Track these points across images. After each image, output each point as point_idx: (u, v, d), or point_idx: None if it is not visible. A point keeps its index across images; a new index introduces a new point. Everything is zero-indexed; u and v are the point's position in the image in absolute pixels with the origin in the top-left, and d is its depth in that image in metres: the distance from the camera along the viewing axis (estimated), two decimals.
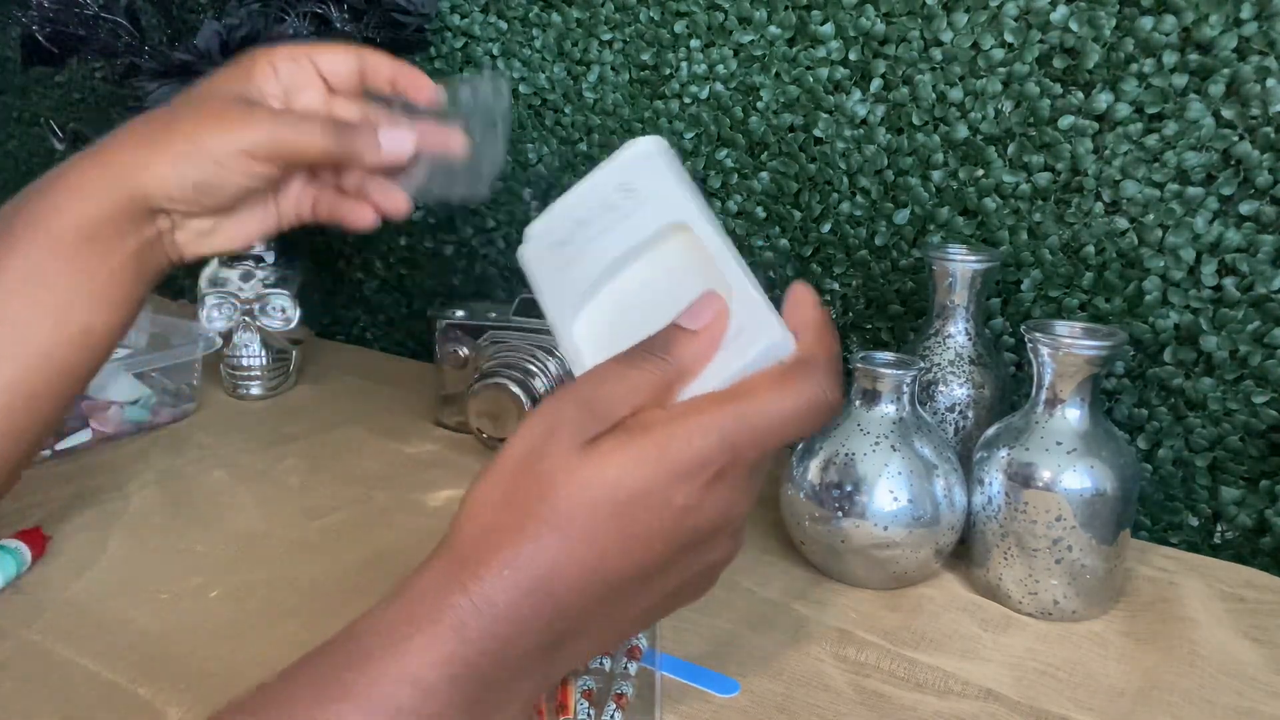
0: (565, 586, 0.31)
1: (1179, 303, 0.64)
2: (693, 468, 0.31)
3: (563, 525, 0.31)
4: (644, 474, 0.31)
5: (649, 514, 0.31)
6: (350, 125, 0.49)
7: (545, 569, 0.31)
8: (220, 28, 0.82)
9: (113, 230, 0.47)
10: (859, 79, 0.73)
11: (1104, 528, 0.53)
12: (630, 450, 0.31)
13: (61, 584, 0.57)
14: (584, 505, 0.31)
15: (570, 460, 0.31)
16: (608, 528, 0.31)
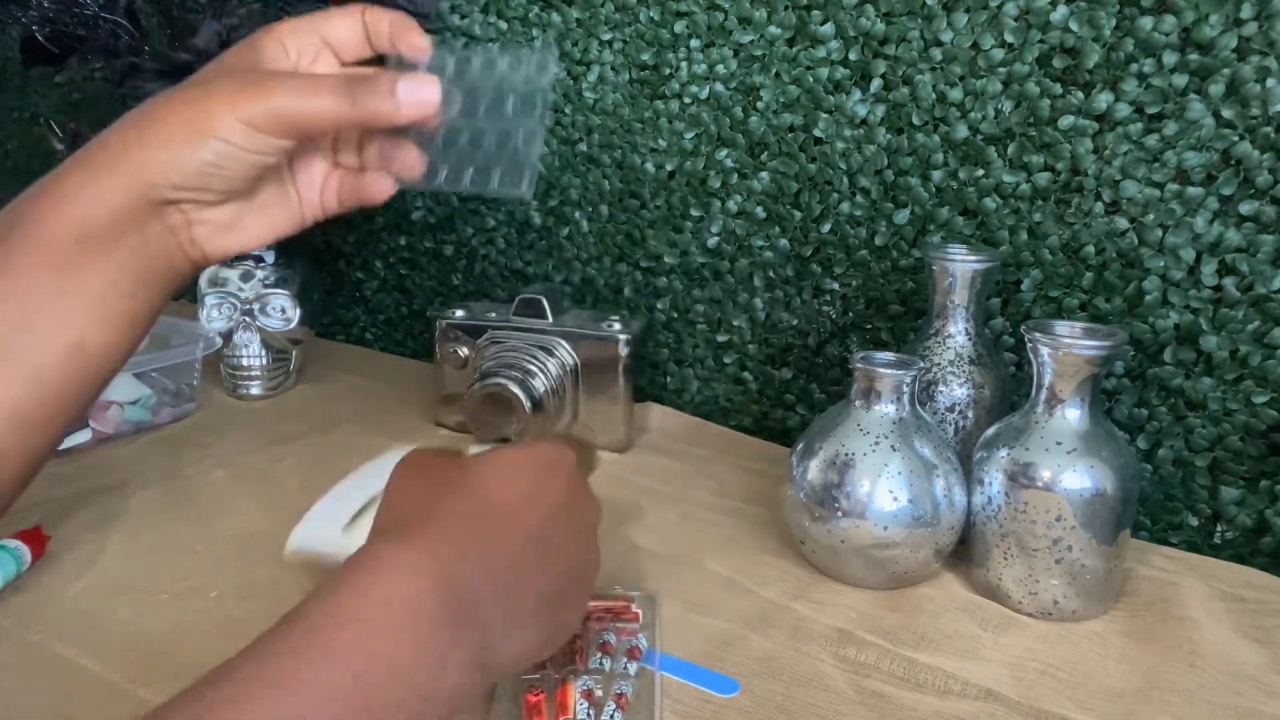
0: (495, 530, 0.38)
1: (1179, 303, 0.64)
2: (554, 462, 0.43)
3: (481, 493, 0.39)
4: (529, 468, 0.42)
5: (539, 488, 0.41)
6: (362, 78, 0.44)
7: (483, 511, 0.38)
8: (220, 28, 0.82)
9: (110, 231, 0.41)
10: (859, 79, 0.73)
11: (1104, 528, 0.53)
12: (518, 457, 0.42)
13: (61, 584, 0.57)
14: (500, 483, 0.40)
15: (474, 463, 0.41)
16: (515, 496, 0.40)
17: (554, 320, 0.78)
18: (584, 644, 0.50)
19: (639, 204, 0.86)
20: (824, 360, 0.80)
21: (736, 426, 0.85)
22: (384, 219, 1.04)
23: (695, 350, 0.86)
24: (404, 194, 1.01)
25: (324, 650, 0.30)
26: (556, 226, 0.92)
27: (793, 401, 0.82)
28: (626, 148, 0.86)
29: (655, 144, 0.84)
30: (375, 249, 1.06)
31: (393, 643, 0.31)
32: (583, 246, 0.91)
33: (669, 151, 0.83)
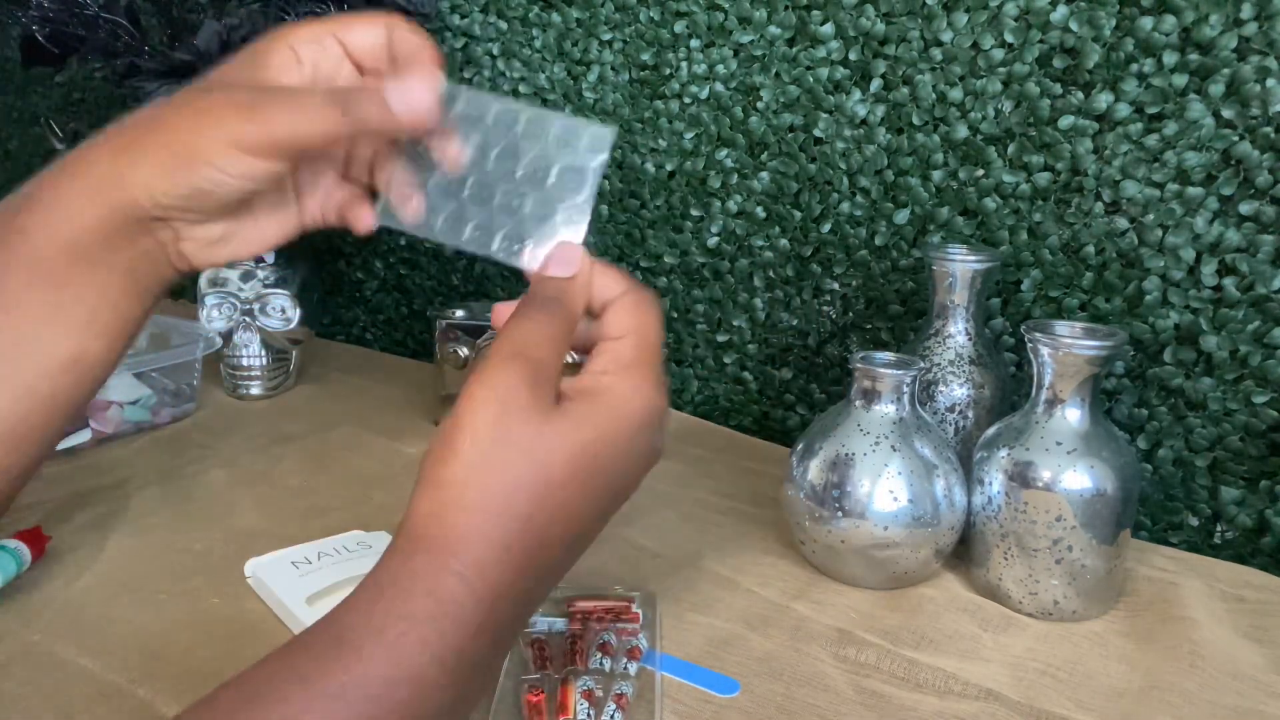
0: (538, 539, 0.34)
1: (1179, 303, 0.64)
2: (648, 418, 0.37)
3: (552, 487, 0.34)
4: (616, 442, 0.36)
5: (615, 465, 0.36)
6: (351, 90, 0.41)
7: (523, 524, 0.33)
8: (220, 28, 0.82)
9: (101, 246, 0.39)
10: (859, 79, 0.73)
11: (1104, 528, 0.53)
12: (596, 414, 0.36)
13: (61, 584, 0.57)
14: (571, 469, 0.34)
15: (543, 434, 0.34)
16: (584, 482, 0.35)
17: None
18: (584, 644, 0.50)
19: (639, 204, 0.86)
20: (824, 360, 0.80)
21: (736, 426, 0.85)
22: None
23: (695, 350, 0.86)
24: None
25: (376, 706, 0.30)
26: None
27: (793, 401, 0.82)
28: (626, 148, 0.86)
29: (655, 144, 0.84)
30: (375, 249, 1.06)
31: (438, 689, 0.31)
32: None
33: (669, 151, 0.83)
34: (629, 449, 0.37)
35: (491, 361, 0.35)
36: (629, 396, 0.37)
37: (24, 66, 0.90)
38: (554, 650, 0.49)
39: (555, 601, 0.54)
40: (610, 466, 0.36)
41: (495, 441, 0.34)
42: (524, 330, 0.37)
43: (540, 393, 0.35)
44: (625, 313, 0.40)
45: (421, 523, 0.34)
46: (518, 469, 0.33)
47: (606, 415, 0.36)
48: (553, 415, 0.35)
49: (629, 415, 0.37)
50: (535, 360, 0.36)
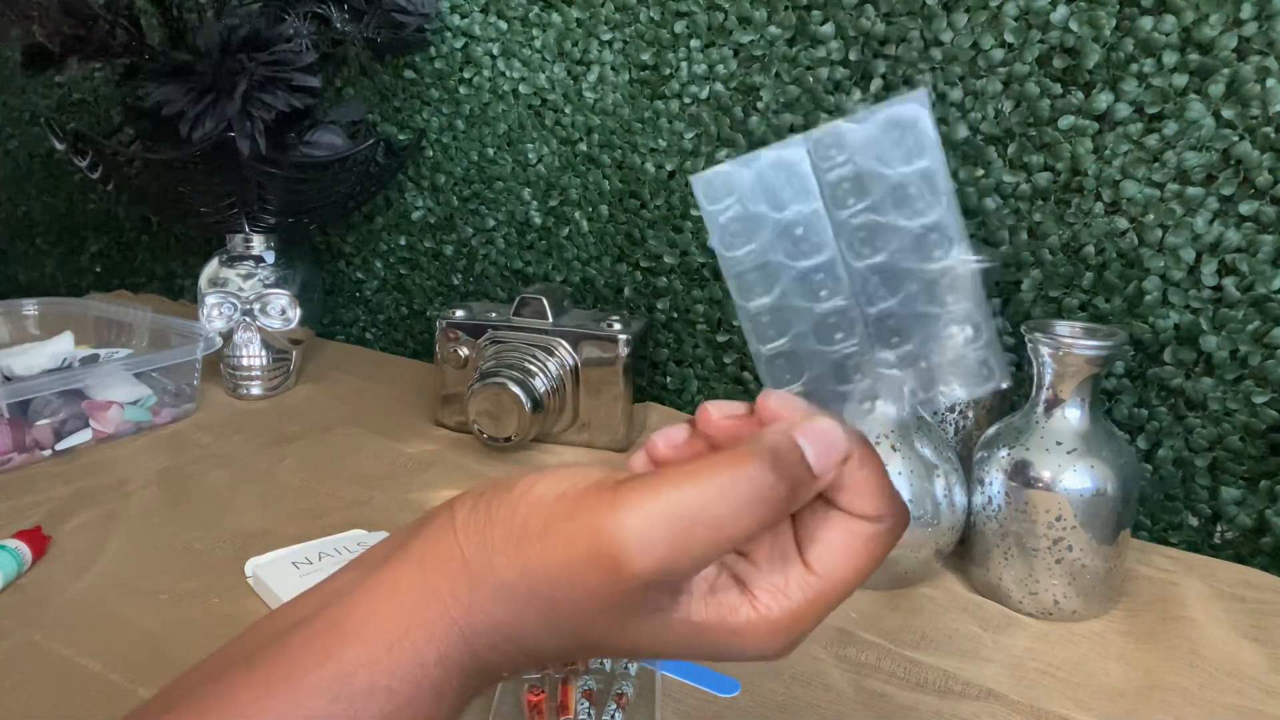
0: (533, 646, 0.29)
1: (1179, 303, 0.64)
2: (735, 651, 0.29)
3: (562, 627, 0.28)
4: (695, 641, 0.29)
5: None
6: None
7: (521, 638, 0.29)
8: (220, 28, 0.82)
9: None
10: (859, 79, 0.73)
11: (1104, 528, 0.53)
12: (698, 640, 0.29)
13: (61, 584, 0.57)
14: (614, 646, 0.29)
15: (631, 628, 0.28)
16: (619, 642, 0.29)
17: (554, 320, 0.78)
18: None
19: (639, 204, 0.86)
20: None
21: None
22: (384, 219, 1.04)
23: (695, 350, 0.86)
24: (403, 193, 1.02)
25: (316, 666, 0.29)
26: (556, 226, 0.92)
27: None
28: (626, 148, 0.86)
29: (655, 144, 0.84)
30: (375, 249, 1.06)
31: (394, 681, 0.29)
32: (583, 246, 0.91)
33: (669, 151, 0.83)
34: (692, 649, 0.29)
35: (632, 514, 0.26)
36: (752, 636, 0.28)
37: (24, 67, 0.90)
38: None
39: None
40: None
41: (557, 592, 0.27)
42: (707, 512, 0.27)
43: (655, 598, 0.27)
44: (842, 553, 0.29)
45: (462, 522, 0.30)
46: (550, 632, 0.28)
47: (711, 641, 0.28)
48: (647, 619, 0.28)
49: (731, 648, 0.29)
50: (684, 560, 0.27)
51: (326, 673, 0.28)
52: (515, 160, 0.93)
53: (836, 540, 0.29)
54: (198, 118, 0.81)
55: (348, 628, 0.29)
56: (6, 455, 0.72)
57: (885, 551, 0.30)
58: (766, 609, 0.28)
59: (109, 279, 1.34)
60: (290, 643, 0.29)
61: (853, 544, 0.29)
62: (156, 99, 0.81)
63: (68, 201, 1.32)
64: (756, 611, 0.29)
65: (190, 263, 1.24)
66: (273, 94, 0.82)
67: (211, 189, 0.85)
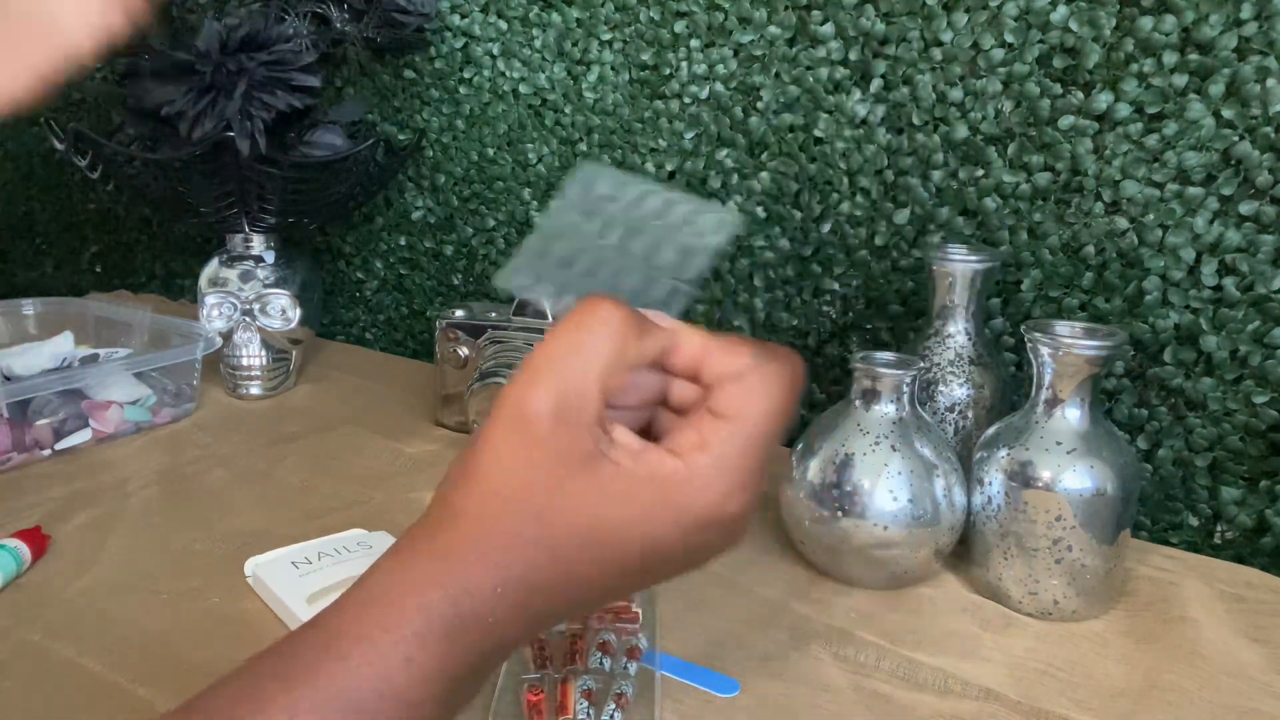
0: (547, 603, 0.31)
1: (1179, 303, 0.64)
2: (706, 521, 0.31)
3: (559, 553, 0.30)
4: (654, 530, 0.31)
5: (647, 559, 0.31)
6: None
7: (532, 589, 0.30)
8: (220, 28, 0.82)
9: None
10: (859, 79, 0.73)
11: (1104, 528, 0.53)
12: (642, 492, 0.30)
13: (61, 584, 0.57)
14: (585, 541, 0.30)
15: (563, 491, 0.30)
16: (602, 570, 0.31)
17: (554, 320, 0.78)
18: (584, 644, 0.49)
19: None
20: (824, 360, 0.80)
21: None
22: (384, 219, 1.04)
23: None
24: (403, 193, 1.02)
25: (325, 677, 0.29)
26: None
27: None
28: (626, 148, 0.86)
29: (655, 144, 0.84)
30: (375, 249, 1.06)
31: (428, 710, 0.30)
32: None
33: (669, 151, 0.83)
34: (671, 547, 0.31)
35: (519, 380, 0.31)
36: (693, 490, 0.31)
37: None
38: (554, 649, 0.49)
39: None
40: (640, 557, 0.31)
41: (509, 486, 0.30)
42: (562, 348, 0.31)
43: (570, 433, 0.30)
44: (737, 395, 0.32)
45: (425, 540, 0.31)
46: (523, 526, 0.30)
47: (653, 501, 0.30)
48: (583, 471, 0.30)
49: (683, 510, 0.31)
50: (573, 392, 0.30)
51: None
52: (515, 160, 0.93)
53: (730, 386, 0.32)
54: (197, 118, 0.81)
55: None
56: (6, 455, 0.72)
57: (786, 383, 0.33)
58: (691, 459, 0.31)
59: (109, 279, 1.34)
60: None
61: (745, 384, 0.32)
62: (156, 99, 0.81)
63: (68, 201, 1.32)
64: (682, 460, 0.31)
65: (190, 263, 1.24)
66: (272, 94, 0.82)
67: (211, 189, 0.85)
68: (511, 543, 0.30)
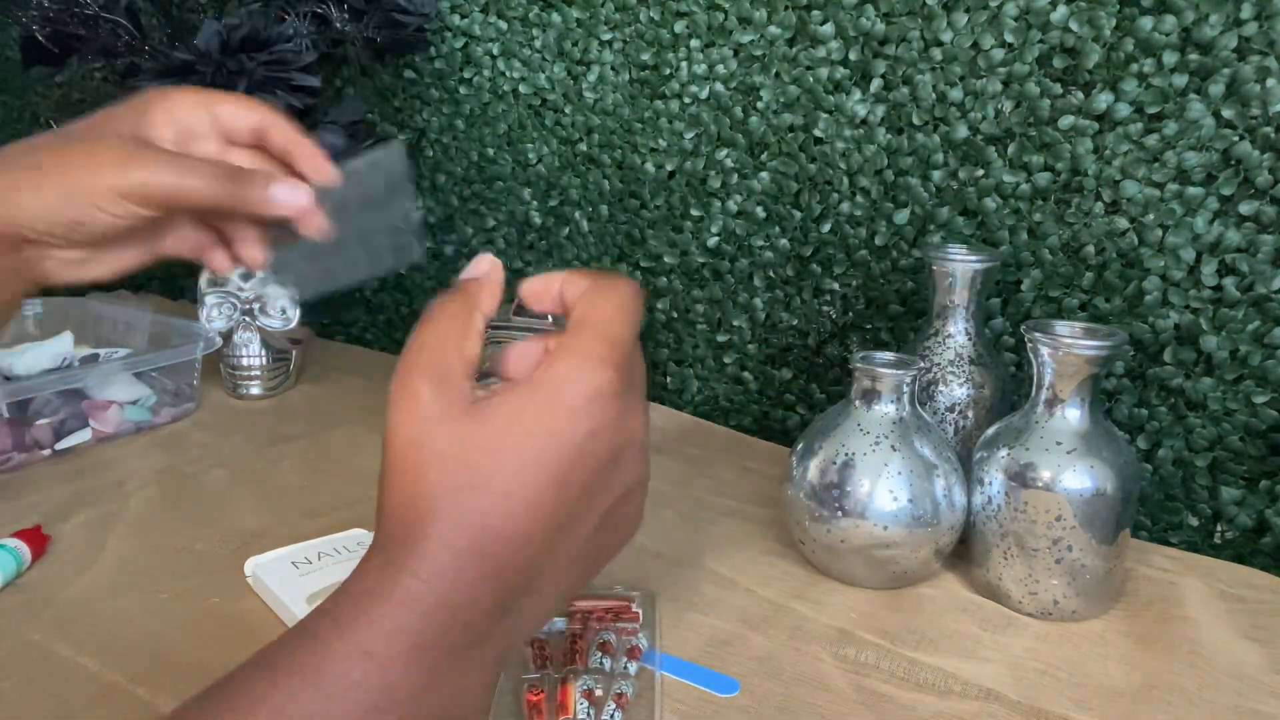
0: (501, 543, 0.32)
1: (1179, 303, 0.64)
2: (586, 398, 0.33)
3: (481, 486, 0.32)
4: (545, 420, 0.33)
5: (559, 455, 0.33)
6: (244, 171, 0.48)
7: (477, 531, 0.32)
8: (220, 28, 0.82)
9: None
10: (859, 79, 0.73)
11: (1104, 528, 0.53)
12: (526, 403, 0.33)
13: (61, 584, 0.57)
14: (497, 464, 0.32)
15: (461, 437, 0.33)
16: (524, 479, 0.32)
17: (554, 320, 0.78)
18: (584, 644, 0.50)
19: (639, 204, 0.86)
20: (824, 360, 0.80)
21: (736, 426, 0.85)
22: None
23: (695, 350, 0.86)
24: None
25: (336, 680, 0.29)
26: (556, 226, 0.92)
27: (793, 401, 0.82)
28: (626, 148, 0.86)
29: (655, 144, 0.84)
30: None
31: (404, 674, 0.30)
32: (583, 246, 0.91)
33: (669, 151, 0.83)
34: (580, 442, 0.33)
35: (396, 377, 0.35)
36: (567, 378, 0.33)
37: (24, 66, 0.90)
38: (554, 649, 0.49)
39: None
40: (560, 463, 0.32)
41: (416, 458, 0.32)
42: (421, 337, 0.36)
43: (449, 396, 0.34)
44: (584, 304, 0.37)
45: (382, 535, 0.33)
46: (439, 480, 0.32)
47: (541, 403, 0.33)
48: (470, 415, 0.33)
49: (568, 395, 0.33)
50: (436, 364, 0.35)
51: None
52: (515, 160, 0.93)
53: (578, 304, 0.37)
54: None
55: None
56: (6, 455, 0.72)
57: (625, 290, 0.37)
58: (556, 359, 0.34)
59: None
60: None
61: (588, 297, 0.37)
62: None
63: None
64: (550, 365, 0.34)
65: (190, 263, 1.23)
66: (272, 94, 0.82)
67: None
68: (439, 505, 0.32)
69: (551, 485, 0.32)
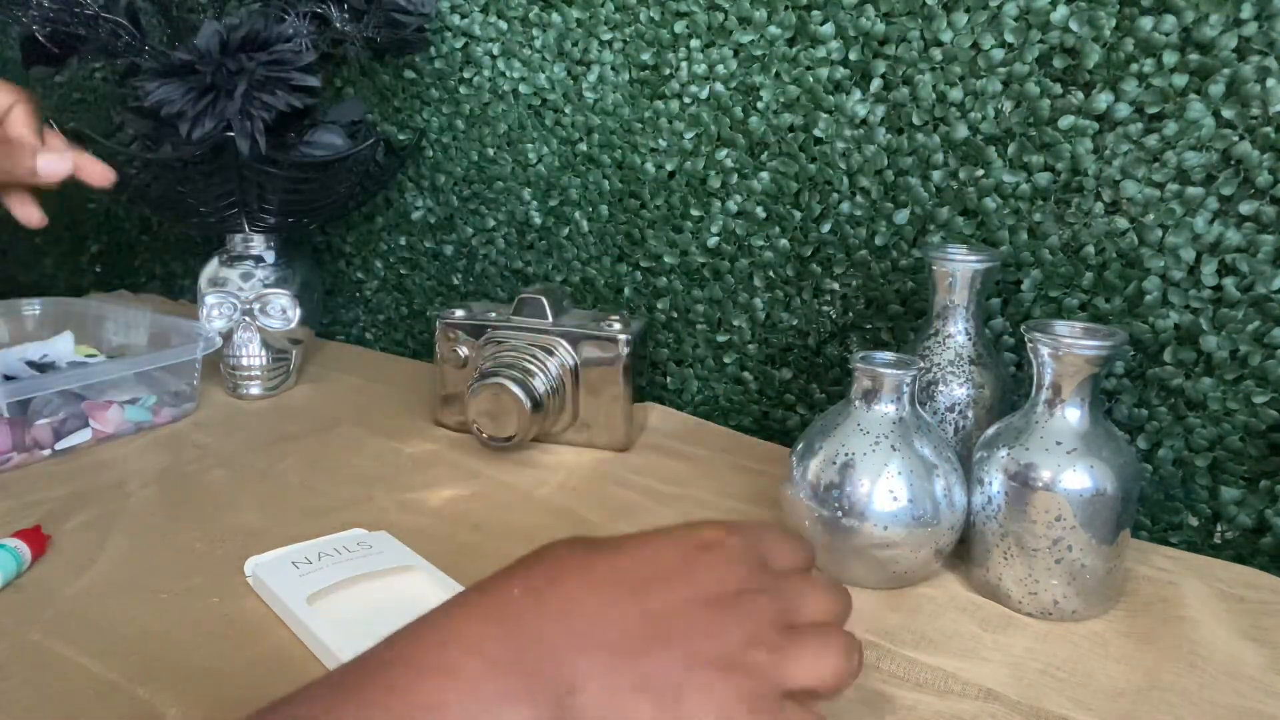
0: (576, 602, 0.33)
1: (1179, 303, 0.64)
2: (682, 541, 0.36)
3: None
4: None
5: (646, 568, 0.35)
6: (9, 145, 0.52)
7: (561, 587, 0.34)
8: (220, 28, 0.82)
9: None
10: (859, 79, 0.73)
11: (1104, 528, 0.53)
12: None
13: (61, 584, 0.57)
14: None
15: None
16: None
17: (554, 320, 0.78)
18: None
19: (639, 204, 0.86)
20: (824, 360, 0.80)
21: (736, 426, 0.85)
22: (384, 219, 1.04)
23: (695, 350, 0.86)
24: (403, 193, 1.02)
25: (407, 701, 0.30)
26: (556, 226, 0.92)
27: (793, 401, 0.82)
28: (626, 148, 0.86)
29: (655, 144, 0.84)
30: (375, 249, 1.06)
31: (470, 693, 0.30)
32: (583, 246, 0.91)
33: (669, 151, 0.83)
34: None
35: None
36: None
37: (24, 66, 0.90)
38: None
39: None
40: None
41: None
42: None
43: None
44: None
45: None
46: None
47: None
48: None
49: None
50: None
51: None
52: (515, 160, 0.93)
53: None
54: (197, 118, 0.81)
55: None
56: (6, 455, 0.72)
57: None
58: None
59: (109, 279, 1.34)
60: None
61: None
62: (156, 99, 0.81)
63: (68, 201, 1.32)
64: None
65: (190, 263, 1.24)
66: (272, 94, 0.82)
67: (211, 189, 0.85)
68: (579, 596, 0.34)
69: (668, 580, 0.34)
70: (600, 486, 0.72)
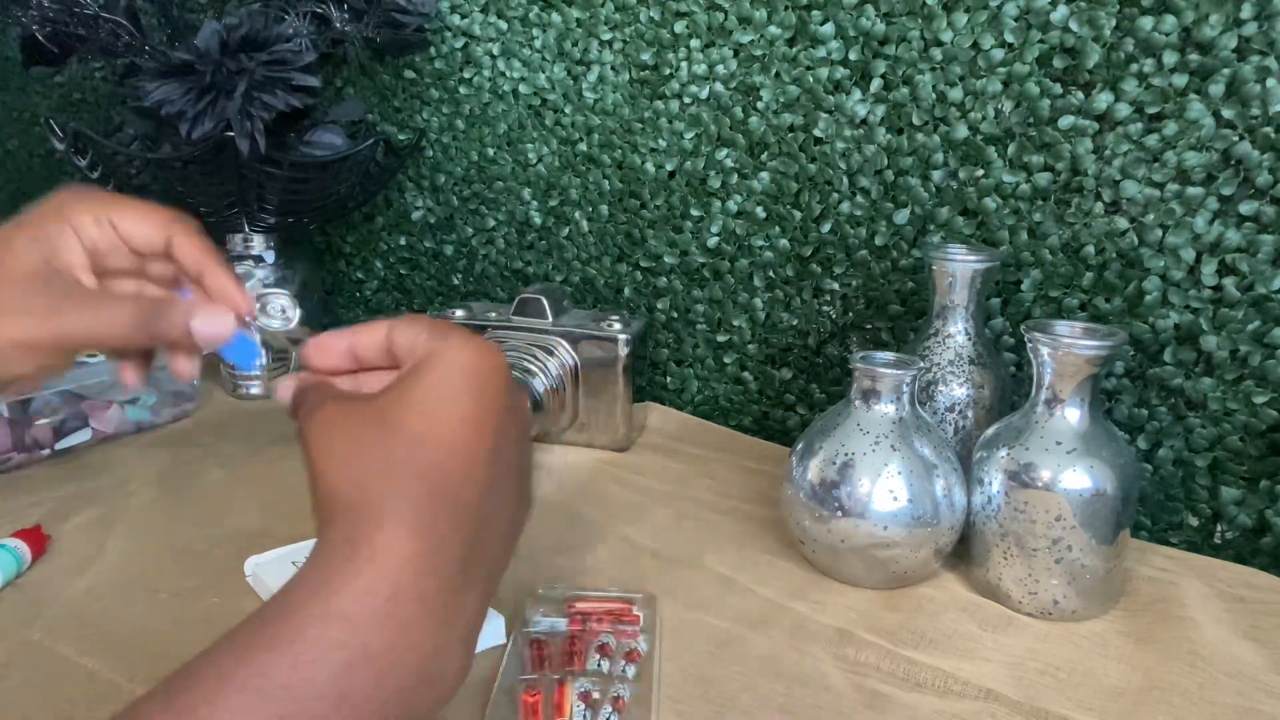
0: (454, 485, 0.33)
1: (1179, 303, 0.64)
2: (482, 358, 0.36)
3: (417, 441, 0.34)
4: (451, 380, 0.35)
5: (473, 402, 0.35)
6: (163, 305, 0.45)
7: (430, 480, 0.33)
8: (220, 28, 0.82)
9: None
10: (859, 79, 0.73)
11: (1104, 528, 0.53)
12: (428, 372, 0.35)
13: (61, 584, 0.57)
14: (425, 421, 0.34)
15: (379, 405, 0.35)
16: (451, 427, 0.34)
17: (554, 320, 0.78)
18: (583, 645, 0.50)
19: (639, 204, 0.86)
20: (824, 360, 0.80)
21: (736, 426, 0.85)
22: (384, 219, 1.04)
23: (695, 350, 0.86)
24: (403, 193, 1.02)
25: (310, 646, 0.30)
26: (556, 226, 0.92)
27: (793, 401, 0.82)
28: (626, 148, 0.86)
29: (655, 144, 0.84)
30: (375, 249, 1.06)
31: (379, 632, 0.30)
32: (583, 246, 0.91)
33: (669, 151, 0.83)
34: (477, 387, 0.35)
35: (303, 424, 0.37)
36: (458, 347, 0.36)
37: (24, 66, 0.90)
38: (552, 650, 0.49)
39: (555, 601, 0.54)
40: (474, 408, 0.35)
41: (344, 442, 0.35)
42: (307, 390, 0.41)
43: (351, 398, 0.37)
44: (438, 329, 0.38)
45: (336, 516, 0.34)
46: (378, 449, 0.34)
47: (442, 368, 0.35)
48: (380, 395, 0.36)
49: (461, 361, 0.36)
50: (324, 392, 0.39)
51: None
52: (515, 160, 0.93)
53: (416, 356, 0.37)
54: (197, 117, 0.81)
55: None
56: (6, 455, 0.72)
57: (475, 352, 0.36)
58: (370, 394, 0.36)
59: None
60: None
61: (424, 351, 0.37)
62: (156, 99, 0.81)
63: None
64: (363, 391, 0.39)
65: None
66: (272, 94, 0.82)
67: (211, 189, 0.85)
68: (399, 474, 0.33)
69: (474, 431, 0.34)
70: (600, 486, 0.72)
